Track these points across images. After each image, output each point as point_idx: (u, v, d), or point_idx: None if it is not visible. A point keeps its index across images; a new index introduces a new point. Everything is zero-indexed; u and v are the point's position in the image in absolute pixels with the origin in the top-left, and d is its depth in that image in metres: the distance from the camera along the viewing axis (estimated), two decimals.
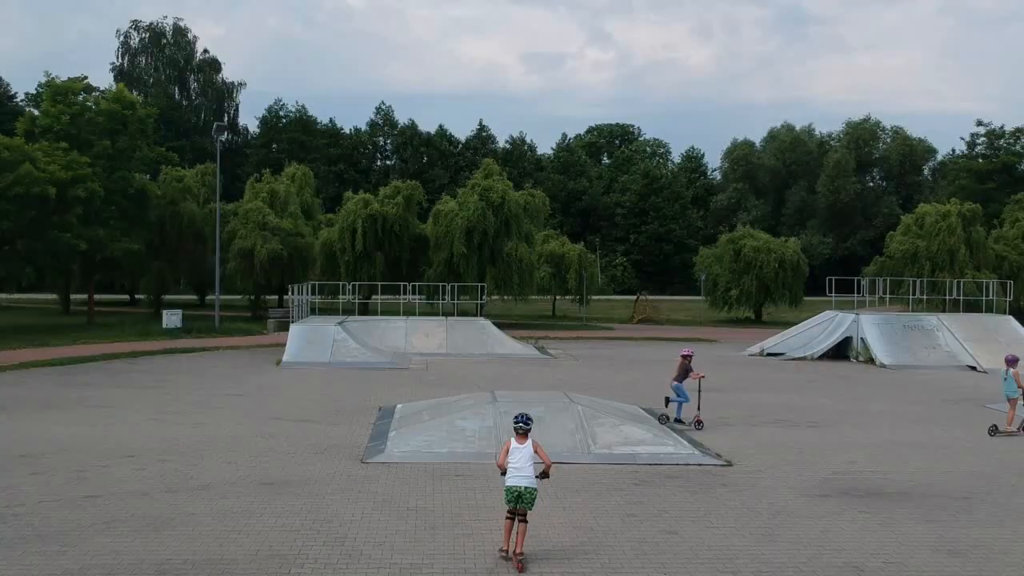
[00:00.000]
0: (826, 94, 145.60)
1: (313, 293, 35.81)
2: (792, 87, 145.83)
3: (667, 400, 18.20)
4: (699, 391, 17.93)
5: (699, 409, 17.78)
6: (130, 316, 44.46)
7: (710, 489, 12.81)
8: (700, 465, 14.26)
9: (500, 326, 39.79)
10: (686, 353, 18.87)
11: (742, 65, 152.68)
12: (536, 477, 9.51)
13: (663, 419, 17.75)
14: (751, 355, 32.94)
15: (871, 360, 30.76)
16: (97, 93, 43.16)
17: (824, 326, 33.49)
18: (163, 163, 44.79)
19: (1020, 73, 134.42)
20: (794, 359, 31.70)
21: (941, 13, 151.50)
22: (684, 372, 18.30)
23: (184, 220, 44.12)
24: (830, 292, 35.77)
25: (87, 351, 29.66)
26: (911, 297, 35.38)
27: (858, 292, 35.71)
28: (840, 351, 32.21)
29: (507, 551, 9.39)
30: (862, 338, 31.72)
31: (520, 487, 9.42)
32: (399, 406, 18.73)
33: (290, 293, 29.60)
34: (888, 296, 35.81)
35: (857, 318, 32.15)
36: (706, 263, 51.21)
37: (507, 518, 9.51)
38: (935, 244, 48.23)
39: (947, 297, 35.94)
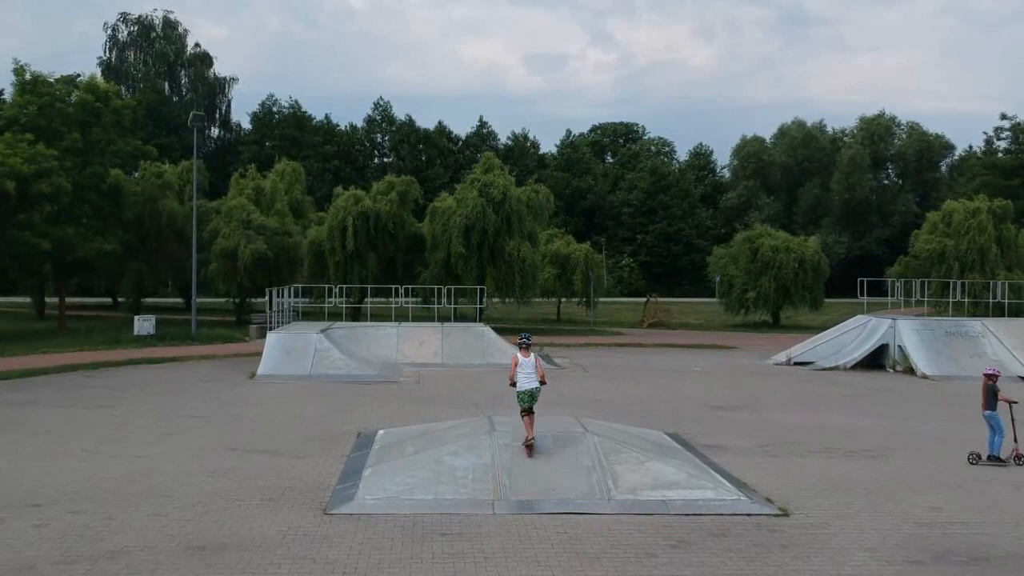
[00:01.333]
0: (827, 94, 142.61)
1: (298, 296, 33.03)
2: (793, 87, 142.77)
3: (991, 455, 14.55)
4: (1012, 419, 14.64)
5: (1016, 440, 14.54)
6: (105, 321, 41.61)
7: (768, 552, 9.95)
8: (749, 515, 11.38)
9: (501, 331, 36.91)
10: (991, 372, 15.04)
11: (743, 66, 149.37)
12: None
13: (973, 458, 14.56)
14: (777, 364, 30.07)
15: (910, 370, 27.91)
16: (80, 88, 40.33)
17: (856, 332, 30.60)
18: (141, 158, 41.91)
19: (1021, 73, 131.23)
20: (825, 369, 28.82)
21: (942, 13, 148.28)
22: (992, 395, 14.66)
23: (164, 218, 41.22)
24: (861, 294, 32.94)
25: (45, 362, 26.82)
26: (951, 300, 32.39)
27: (892, 294, 32.81)
28: (875, 360, 29.35)
29: (532, 439, 12.60)
30: (899, 345, 28.86)
31: (532, 388, 12.73)
32: (380, 432, 15.89)
33: (268, 296, 26.69)
34: (926, 299, 32.60)
35: (894, 323, 29.26)
36: (720, 264, 48.20)
37: (523, 414, 12.78)
38: (964, 243, 45.34)
39: (990, 300, 32.85)
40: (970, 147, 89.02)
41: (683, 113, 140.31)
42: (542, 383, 12.89)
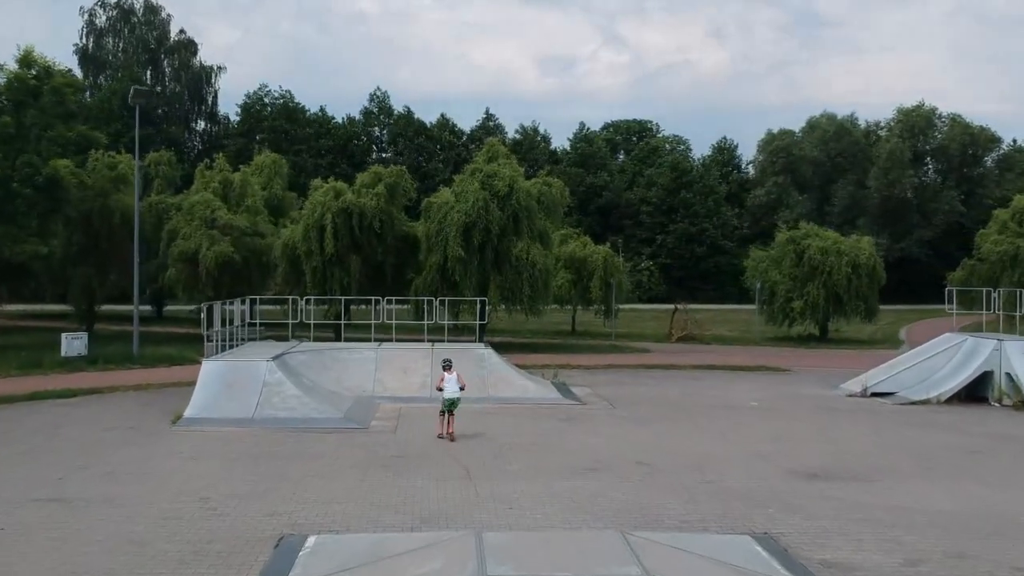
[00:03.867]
0: (834, 96, 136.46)
1: (255, 306, 27.27)
2: (805, 88, 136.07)
3: None
4: None
5: None
6: (50, 336, 35.85)
7: None
8: None
9: (508, 347, 31.20)
10: None
11: (755, 67, 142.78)
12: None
13: None
14: (851, 396, 24.09)
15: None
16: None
17: (948, 355, 24.59)
18: (89, 146, 36.15)
19: None
20: (913, 403, 22.83)
21: (954, 14, 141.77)
22: None
23: (117, 216, 35.58)
24: (949, 304, 27.04)
25: None
26: None
27: (987, 307, 26.78)
28: (973, 390, 23.37)
29: (442, 434, 16.52)
30: (1007, 373, 22.87)
31: (454, 397, 16.56)
32: (309, 544, 10.07)
33: (204, 313, 20.82)
34: (1022, 313, 26.16)
35: (1000, 345, 23.26)
36: (760, 268, 42.06)
37: (441, 413, 16.74)
38: None
39: None
40: (1014, 141, 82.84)
41: (694, 114, 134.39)
42: (461, 389, 16.78)
